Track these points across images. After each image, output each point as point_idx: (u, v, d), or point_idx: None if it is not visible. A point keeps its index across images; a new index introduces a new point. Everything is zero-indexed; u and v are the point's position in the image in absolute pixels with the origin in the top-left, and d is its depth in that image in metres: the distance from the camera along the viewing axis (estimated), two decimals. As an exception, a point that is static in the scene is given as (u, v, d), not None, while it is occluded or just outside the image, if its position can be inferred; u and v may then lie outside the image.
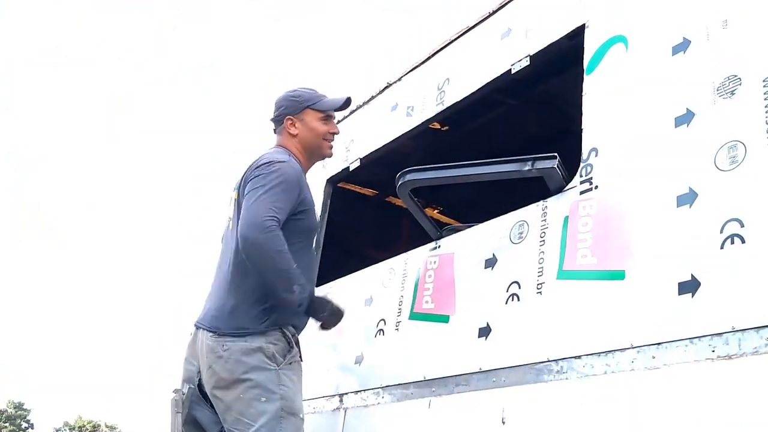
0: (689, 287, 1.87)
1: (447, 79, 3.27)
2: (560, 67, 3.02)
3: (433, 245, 2.95)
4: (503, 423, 2.24)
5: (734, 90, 1.97)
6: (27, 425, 51.46)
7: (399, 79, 3.68)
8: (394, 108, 3.60)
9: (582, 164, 2.38)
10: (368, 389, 2.91)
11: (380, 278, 3.18)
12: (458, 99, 3.13)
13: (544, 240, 2.40)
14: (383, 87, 3.78)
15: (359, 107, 3.97)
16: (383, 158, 3.67)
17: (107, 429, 51.33)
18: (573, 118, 2.62)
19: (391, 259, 3.17)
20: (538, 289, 2.33)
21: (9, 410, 50.57)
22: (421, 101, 3.39)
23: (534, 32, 2.82)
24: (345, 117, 4.07)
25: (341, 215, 3.97)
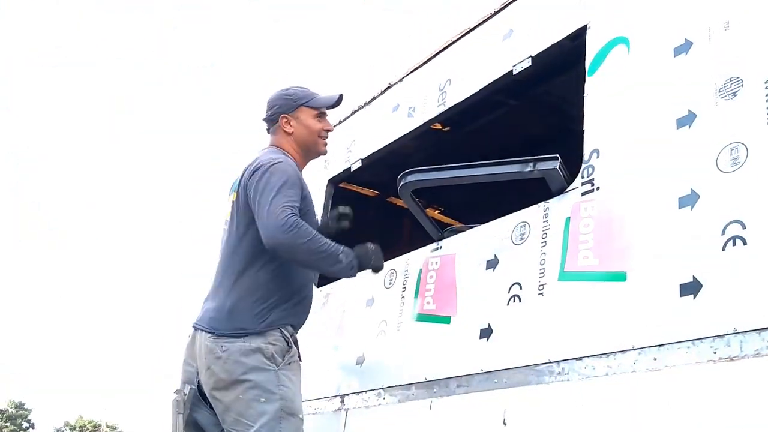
0: (691, 289, 1.87)
1: (448, 80, 3.27)
2: (562, 68, 3.02)
3: (435, 246, 2.95)
4: (504, 424, 2.24)
5: (736, 91, 1.97)
6: (28, 425, 51.47)
7: (400, 80, 3.68)
8: (396, 108, 3.60)
9: (583, 165, 2.38)
10: (370, 390, 2.91)
11: (382, 279, 3.18)
12: (460, 100, 3.14)
13: (546, 241, 2.40)
14: (385, 88, 3.78)
15: (361, 108, 3.97)
16: (385, 159, 3.67)
17: (108, 429, 51.33)
18: (574, 119, 2.62)
19: (393, 260, 3.17)
20: (540, 291, 2.33)
21: (10, 410, 50.58)
22: (423, 102, 3.39)
23: (536, 33, 2.82)
24: (346, 117, 4.07)
25: (342, 216, 3.96)
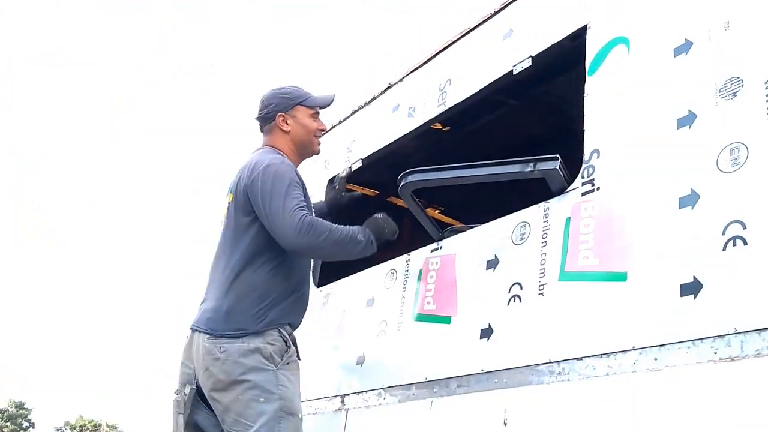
0: (691, 289, 1.87)
1: (449, 80, 3.27)
2: (562, 68, 3.01)
3: (435, 246, 2.95)
4: (505, 424, 2.24)
5: (736, 91, 1.97)
6: (28, 424, 51.48)
7: (400, 80, 3.67)
8: (396, 108, 3.60)
9: (584, 165, 2.38)
10: (370, 390, 2.91)
11: (382, 279, 3.18)
12: (460, 100, 3.13)
13: (546, 241, 2.40)
14: (385, 87, 3.78)
15: (361, 108, 3.97)
16: (385, 159, 3.67)
17: (108, 428, 51.33)
18: (575, 119, 2.62)
19: (393, 260, 3.18)
20: (540, 291, 2.33)
21: (10, 409, 50.59)
22: (423, 102, 3.39)
23: (536, 33, 2.82)
24: (347, 117, 4.07)
25: (343, 216, 3.96)
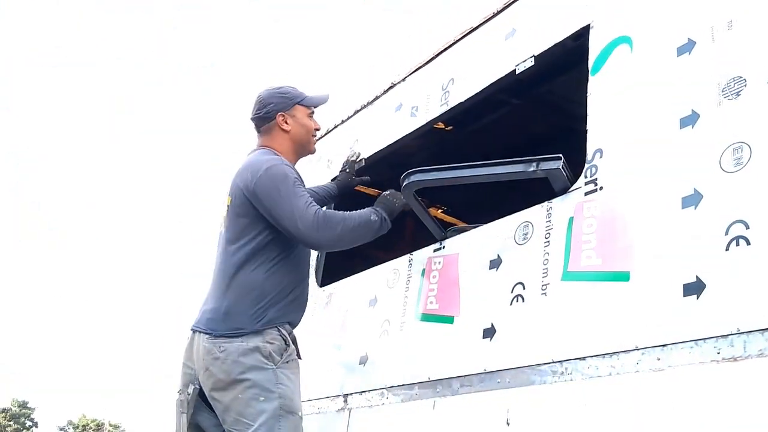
0: (694, 289, 1.87)
1: (451, 80, 3.27)
2: (565, 68, 3.01)
3: (438, 246, 2.95)
4: (508, 424, 2.24)
5: (739, 91, 1.97)
6: (31, 424, 51.59)
7: (403, 80, 3.68)
8: (399, 108, 3.60)
9: (587, 165, 2.38)
10: (373, 390, 2.92)
11: (385, 279, 3.19)
12: (463, 99, 3.14)
13: (549, 241, 2.40)
14: (387, 87, 3.78)
15: (363, 107, 3.97)
16: (387, 158, 3.67)
17: (111, 428, 51.43)
18: (578, 119, 2.61)
19: (396, 260, 3.18)
20: (543, 290, 2.33)
21: (13, 408, 50.71)
22: (426, 101, 3.39)
23: (538, 32, 2.82)
24: (349, 117, 4.08)
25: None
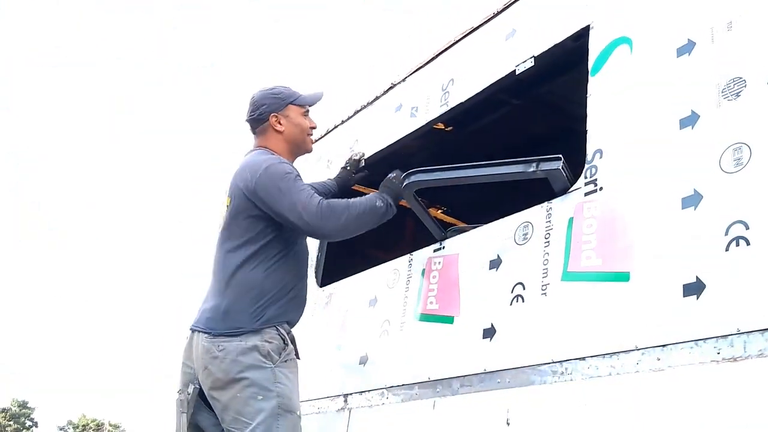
0: (694, 289, 1.87)
1: (451, 80, 3.27)
2: (565, 68, 3.02)
3: (438, 246, 2.95)
4: (508, 424, 2.24)
5: (739, 92, 1.97)
6: (31, 423, 51.59)
7: (403, 80, 3.68)
8: (399, 108, 3.60)
9: (587, 165, 2.38)
10: (373, 390, 2.92)
11: (385, 279, 3.19)
12: (463, 100, 3.14)
13: (549, 241, 2.40)
14: (387, 88, 3.79)
15: (363, 107, 3.97)
16: (387, 159, 3.67)
17: (111, 428, 51.42)
18: (577, 119, 2.62)
19: (396, 260, 3.18)
20: (543, 291, 2.33)
21: (13, 408, 50.70)
22: (426, 102, 3.39)
23: (538, 33, 2.82)
24: (349, 117, 4.08)
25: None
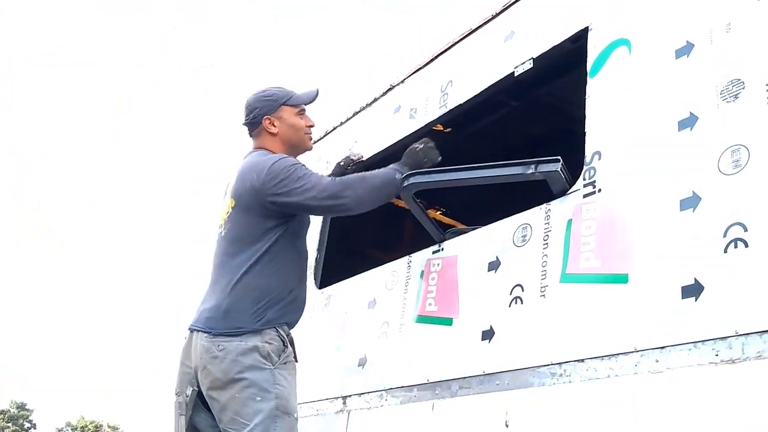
0: (692, 291, 1.87)
1: (450, 82, 3.27)
2: (563, 70, 3.02)
3: (437, 248, 2.95)
4: (506, 426, 2.24)
5: (738, 94, 1.97)
6: (29, 425, 51.53)
7: (402, 82, 3.68)
8: (397, 110, 3.60)
9: (585, 167, 2.38)
10: (372, 392, 2.92)
11: (383, 280, 3.19)
12: (461, 101, 3.14)
13: (548, 243, 2.40)
14: (386, 89, 3.79)
15: (362, 109, 3.97)
16: (386, 160, 3.66)
17: (109, 429, 51.36)
18: (576, 121, 2.62)
19: (395, 262, 3.18)
20: (542, 293, 2.33)
21: (11, 410, 50.65)
22: (425, 103, 3.39)
23: (537, 35, 2.83)
24: (348, 119, 4.08)
25: (344, 217, 3.97)
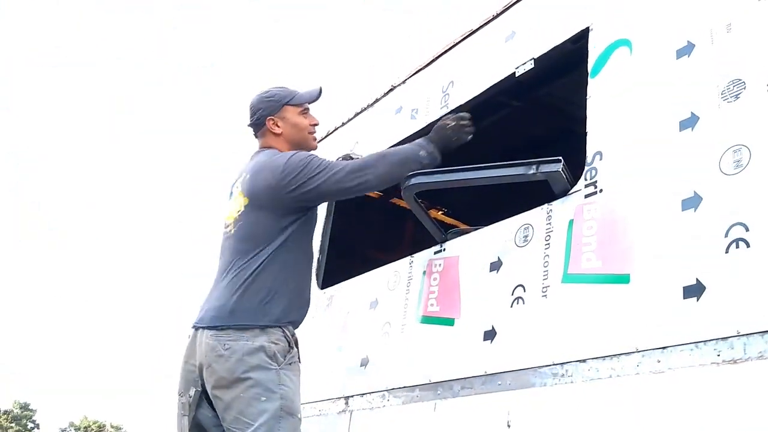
0: (694, 291, 1.87)
1: (451, 82, 3.27)
2: (564, 70, 3.02)
3: (438, 248, 2.95)
4: (508, 426, 2.25)
5: (738, 94, 1.98)
6: (33, 425, 51.62)
7: (403, 82, 3.68)
8: (399, 111, 3.60)
9: (586, 167, 2.38)
10: (374, 392, 2.92)
11: (385, 281, 3.19)
12: (463, 102, 3.14)
13: (549, 243, 2.40)
14: (387, 90, 3.79)
15: (363, 110, 3.98)
16: (388, 161, 3.67)
17: (112, 429, 51.44)
18: (577, 121, 2.62)
19: (396, 262, 3.18)
20: (543, 293, 2.33)
21: (15, 410, 50.74)
22: (426, 104, 3.40)
23: (538, 35, 2.83)
24: (349, 119, 4.08)
25: (346, 217, 3.98)
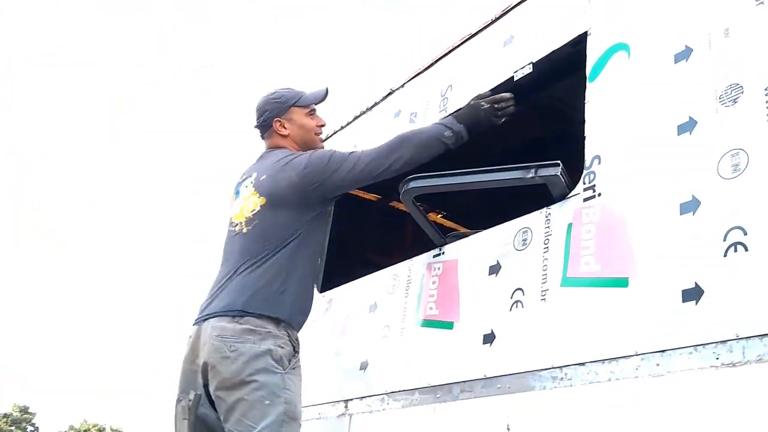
0: (693, 295, 1.88)
1: (450, 86, 3.28)
2: (563, 74, 3.02)
3: (437, 251, 2.96)
4: (508, 429, 2.25)
5: (736, 98, 1.98)
6: (32, 428, 51.52)
7: (402, 86, 3.69)
8: (398, 114, 3.61)
9: (585, 171, 2.39)
10: (373, 395, 2.92)
11: (384, 284, 3.19)
12: (461, 105, 3.14)
13: (548, 247, 2.41)
14: (386, 93, 3.80)
15: (362, 113, 3.98)
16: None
17: (112, 432, 51.34)
18: (576, 125, 2.63)
19: (395, 266, 3.18)
20: (542, 296, 2.34)
21: (14, 413, 50.64)
22: (425, 108, 3.40)
23: (537, 39, 2.84)
24: (348, 123, 4.09)
25: (345, 220, 3.98)
